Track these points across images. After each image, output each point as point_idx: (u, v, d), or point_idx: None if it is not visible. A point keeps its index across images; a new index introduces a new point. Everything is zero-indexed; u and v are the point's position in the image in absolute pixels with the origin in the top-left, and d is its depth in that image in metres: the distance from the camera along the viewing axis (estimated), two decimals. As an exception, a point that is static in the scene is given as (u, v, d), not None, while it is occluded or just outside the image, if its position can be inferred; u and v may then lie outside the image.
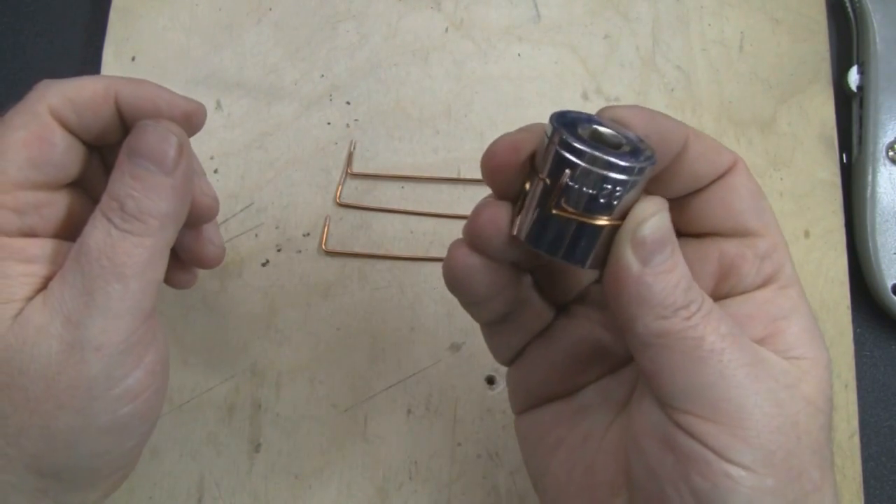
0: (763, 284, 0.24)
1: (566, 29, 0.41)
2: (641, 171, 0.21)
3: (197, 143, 0.38)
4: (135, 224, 0.24)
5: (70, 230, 0.25)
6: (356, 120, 0.39)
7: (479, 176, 0.38)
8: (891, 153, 0.40)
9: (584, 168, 0.21)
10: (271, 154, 0.39)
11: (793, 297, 0.24)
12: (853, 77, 0.42)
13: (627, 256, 0.21)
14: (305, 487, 0.35)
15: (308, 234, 0.38)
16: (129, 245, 0.23)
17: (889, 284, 0.39)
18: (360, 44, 0.41)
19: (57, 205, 0.25)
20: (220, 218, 0.37)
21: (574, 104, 0.40)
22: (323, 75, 0.40)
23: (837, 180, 0.40)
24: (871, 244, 0.39)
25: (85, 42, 0.41)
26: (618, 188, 0.21)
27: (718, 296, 0.24)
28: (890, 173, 0.40)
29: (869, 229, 0.39)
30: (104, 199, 0.24)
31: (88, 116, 0.25)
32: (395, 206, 0.38)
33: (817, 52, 0.42)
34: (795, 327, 0.24)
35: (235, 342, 0.36)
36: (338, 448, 0.35)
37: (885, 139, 0.40)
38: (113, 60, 0.39)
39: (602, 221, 0.22)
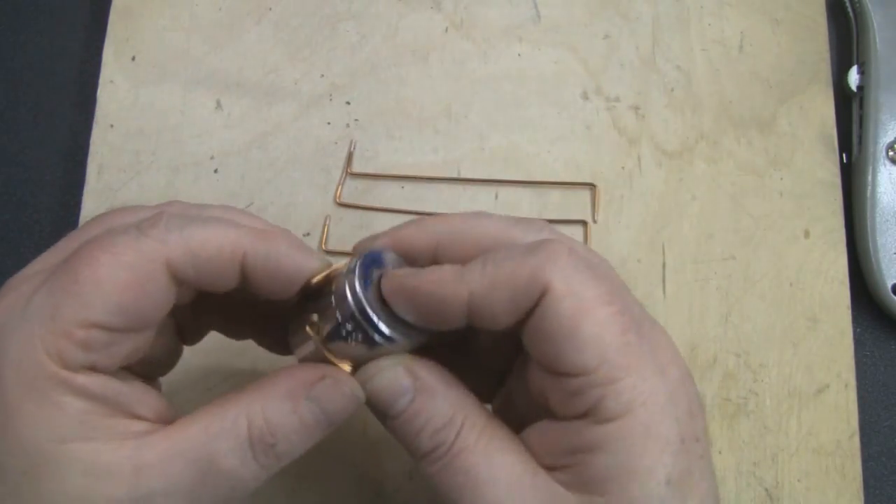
0: (576, 416, 0.22)
1: (566, 29, 0.41)
2: (392, 341, 0.23)
3: (197, 142, 0.39)
4: (272, 462, 0.23)
5: (131, 363, 0.24)
6: (356, 120, 0.39)
7: (478, 175, 0.39)
8: (891, 153, 0.40)
9: (346, 314, 0.23)
10: (271, 154, 0.39)
11: (609, 431, 0.22)
12: (853, 77, 0.42)
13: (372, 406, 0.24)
14: (305, 488, 0.35)
15: (308, 234, 0.38)
16: (252, 474, 0.23)
17: (889, 284, 0.39)
18: (360, 44, 0.41)
19: (125, 343, 0.23)
20: (220, 218, 0.37)
21: (574, 104, 0.40)
22: (323, 75, 0.40)
23: (837, 180, 0.40)
24: (871, 244, 0.39)
25: (85, 42, 0.41)
26: (373, 346, 0.23)
27: (532, 417, 0.24)
28: (890, 173, 0.40)
29: (869, 229, 0.39)
30: (257, 421, 0.23)
31: (207, 274, 0.23)
32: (395, 206, 0.38)
33: (817, 52, 0.42)
34: (599, 464, 0.22)
35: (235, 342, 0.36)
36: (338, 449, 0.35)
37: (885, 139, 0.40)
38: (113, 60, 0.39)
39: (346, 367, 0.24)
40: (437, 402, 0.23)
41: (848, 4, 0.43)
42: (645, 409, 0.22)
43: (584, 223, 0.38)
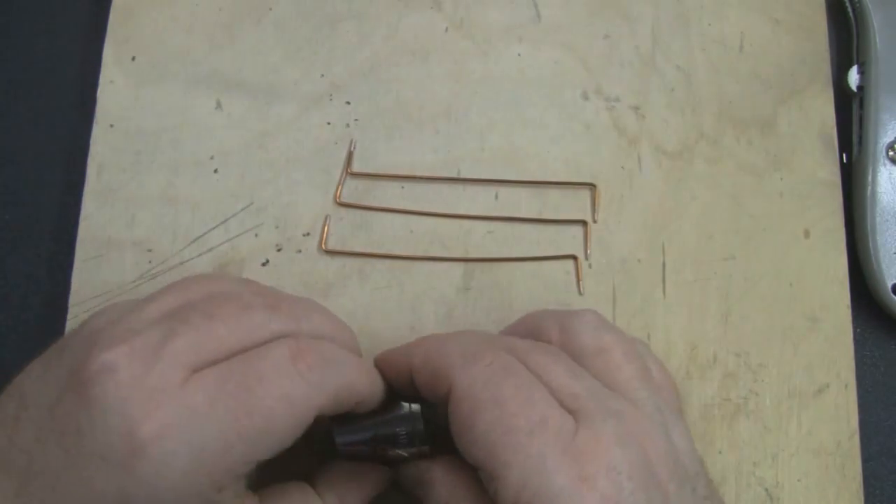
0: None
1: (566, 29, 0.41)
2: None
3: (197, 142, 0.39)
4: None
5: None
6: (356, 120, 0.39)
7: (478, 175, 0.39)
8: (891, 153, 0.40)
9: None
10: (271, 154, 0.39)
11: None
12: (853, 77, 0.42)
13: None
14: (305, 487, 0.35)
15: (308, 234, 0.38)
16: None
17: (889, 284, 0.39)
18: (360, 44, 0.41)
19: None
20: (219, 218, 0.37)
21: (574, 104, 0.40)
22: (323, 75, 0.40)
23: (837, 180, 0.40)
24: (871, 244, 0.39)
25: (85, 42, 0.41)
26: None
27: None
28: (890, 173, 0.40)
29: (869, 229, 0.39)
30: None
31: (333, 411, 0.27)
32: (395, 206, 0.38)
33: (817, 52, 0.42)
34: None
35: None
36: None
37: (885, 139, 0.40)
38: (113, 60, 0.39)
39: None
40: (437, 491, 0.28)
41: (848, 4, 0.43)
42: (536, 501, 0.24)
43: (583, 223, 0.38)
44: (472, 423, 0.26)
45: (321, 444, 0.31)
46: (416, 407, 0.30)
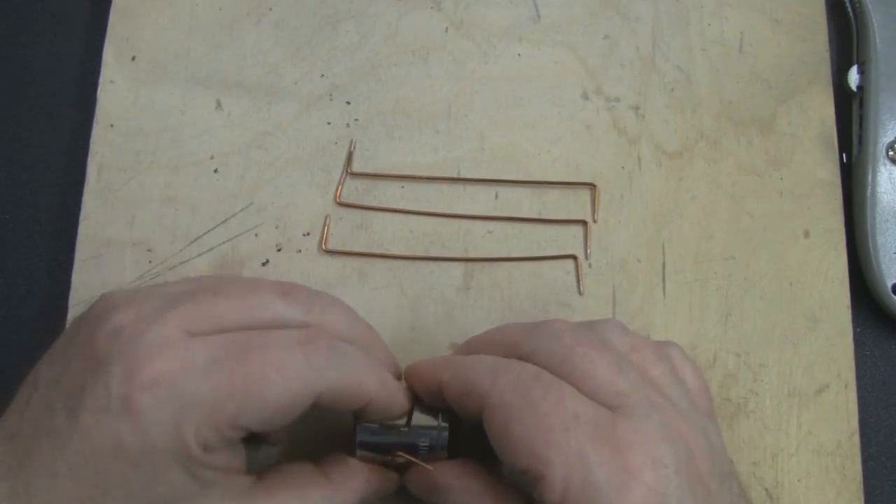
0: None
1: (566, 29, 0.41)
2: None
3: (197, 142, 0.39)
4: None
5: None
6: (356, 120, 0.39)
7: (478, 175, 0.39)
8: (891, 153, 0.40)
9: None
10: (271, 154, 0.39)
11: None
12: (853, 77, 0.42)
13: None
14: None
15: (308, 234, 0.38)
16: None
17: (889, 284, 0.39)
18: (360, 44, 0.41)
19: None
20: (220, 218, 0.37)
21: (574, 104, 0.40)
22: (323, 75, 0.40)
23: (837, 180, 0.40)
24: (871, 244, 0.39)
25: (85, 42, 0.41)
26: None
27: None
28: (890, 173, 0.40)
29: (869, 229, 0.39)
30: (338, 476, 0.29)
31: (337, 405, 0.27)
32: (395, 206, 0.38)
33: (817, 52, 0.42)
34: None
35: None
36: (338, 447, 0.35)
37: (885, 139, 0.40)
38: (113, 60, 0.39)
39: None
40: (461, 497, 0.29)
41: (848, 4, 0.43)
42: (579, 498, 0.24)
43: (583, 223, 0.38)
44: (507, 430, 0.26)
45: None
46: (444, 423, 0.30)
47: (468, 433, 0.31)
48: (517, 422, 0.25)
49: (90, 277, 0.36)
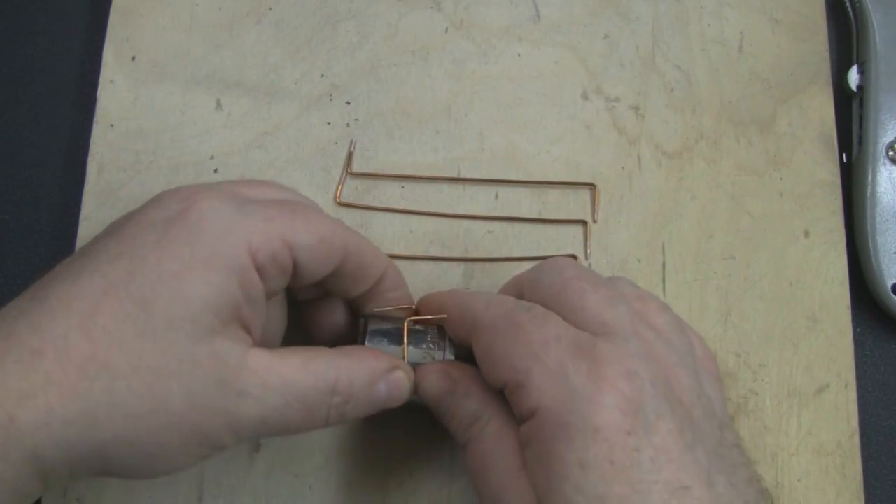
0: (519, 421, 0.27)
1: (566, 29, 0.41)
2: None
3: (197, 142, 0.39)
4: (334, 417, 0.28)
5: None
6: (356, 120, 0.39)
7: (479, 175, 0.39)
8: (891, 153, 0.40)
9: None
10: (271, 154, 0.39)
11: (528, 429, 0.26)
12: (853, 77, 0.42)
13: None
14: (305, 486, 0.35)
15: (308, 234, 0.38)
16: (320, 419, 0.28)
17: (889, 284, 0.39)
18: (360, 44, 0.41)
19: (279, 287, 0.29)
20: (220, 218, 0.37)
21: (574, 104, 0.40)
22: (323, 75, 0.40)
23: (837, 180, 0.40)
24: (871, 244, 0.39)
25: (85, 42, 0.41)
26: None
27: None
28: (890, 173, 0.40)
29: (869, 229, 0.39)
30: (343, 380, 0.28)
31: (321, 256, 0.28)
32: (395, 206, 0.38)
33: (817, 52, 0.42)
34: (528, 458, 0.26)
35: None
36: (338, 447, 0.35)
37: (885, 139, 0.40)
38: (113, 60, 0.39)
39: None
40: (470, 402, 0.29)
41: (848, 4, 0.43)
42: (554, 403, 0.25)
43: (583, 223, 0.38)
44: (492, 348, 0.27)
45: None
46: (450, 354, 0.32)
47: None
48: (501, 341, 0.27)
49: (90, 277, 0.36)
